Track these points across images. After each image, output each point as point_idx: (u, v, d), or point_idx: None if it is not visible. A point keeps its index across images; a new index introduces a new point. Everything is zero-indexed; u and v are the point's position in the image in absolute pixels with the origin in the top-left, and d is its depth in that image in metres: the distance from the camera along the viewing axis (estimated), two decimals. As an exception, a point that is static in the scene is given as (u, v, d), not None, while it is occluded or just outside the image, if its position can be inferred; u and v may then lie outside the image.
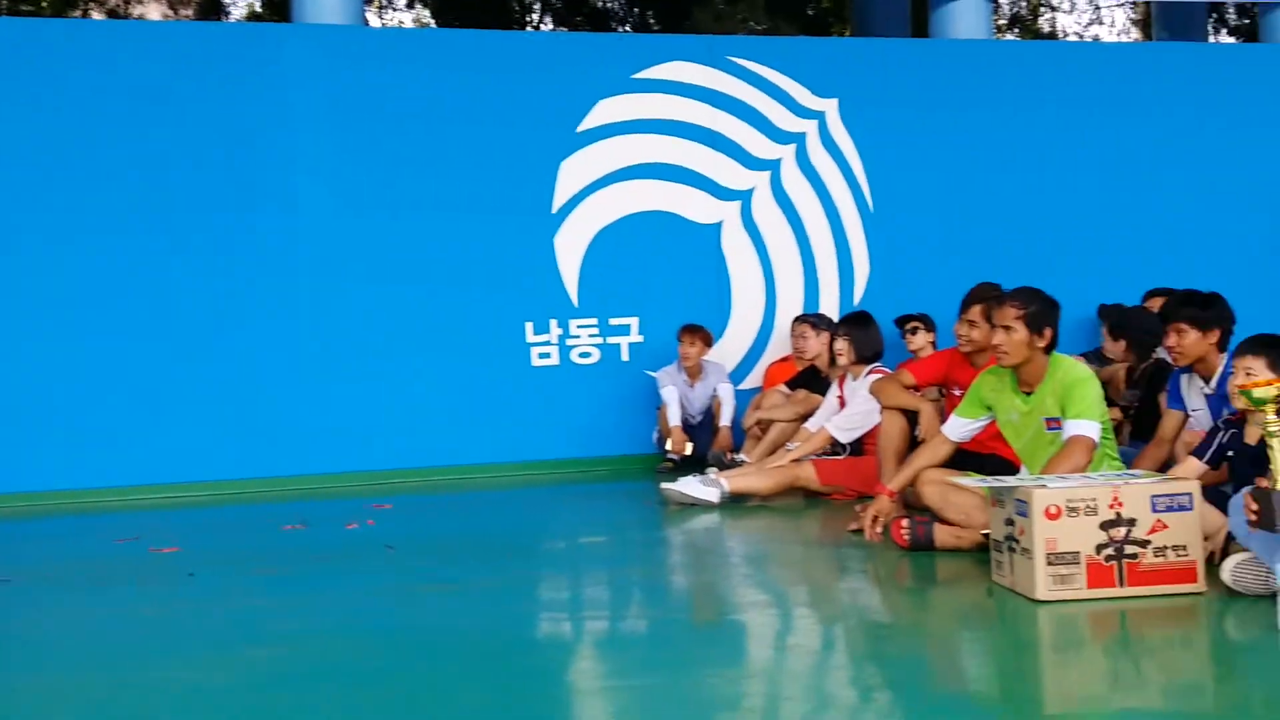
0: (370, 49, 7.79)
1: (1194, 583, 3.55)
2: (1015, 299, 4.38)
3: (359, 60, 7.64)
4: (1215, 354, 4.60)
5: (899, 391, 5.40)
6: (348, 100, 7.57)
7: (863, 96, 8.19)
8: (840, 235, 8.23)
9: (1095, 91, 8.44)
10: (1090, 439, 4.14)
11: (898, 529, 4.53)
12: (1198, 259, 8.14)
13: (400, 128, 7.64)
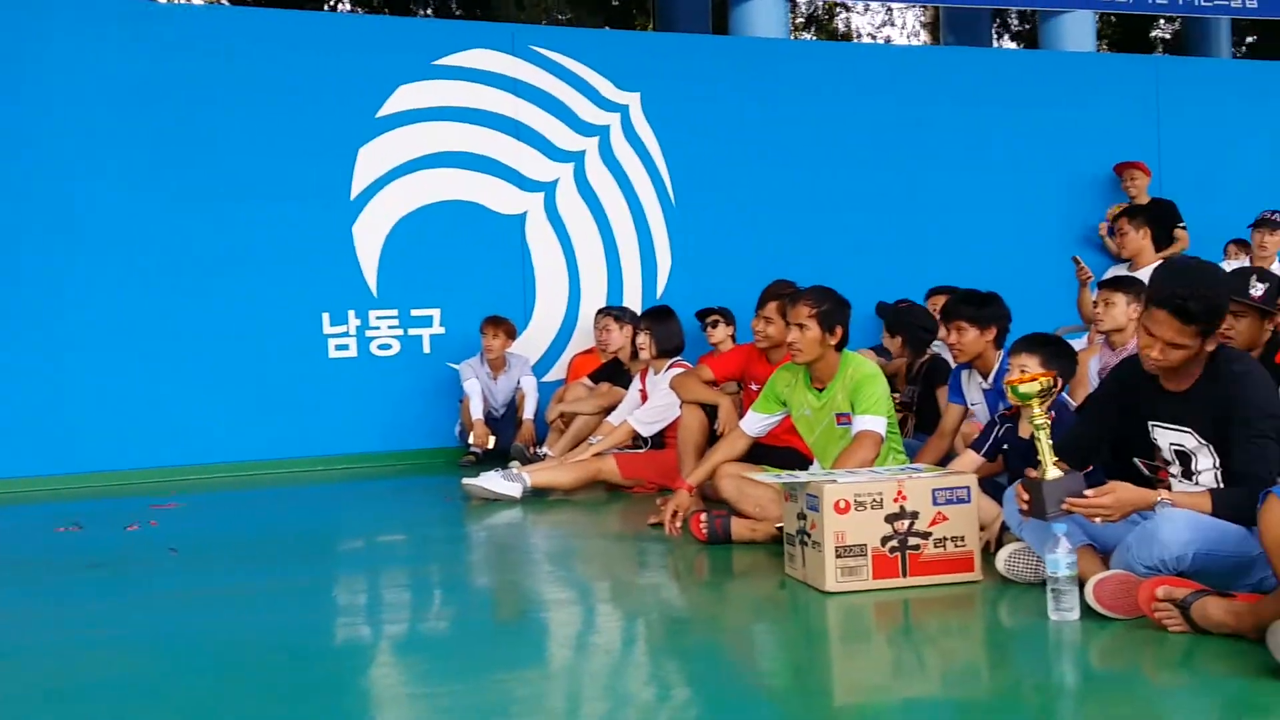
0: (155, 26, 7.39)
1: (971, 572, 3.73)
2: (808, 298, 4.50)
3: (143, 38, 7.25)
4: (992, 350, 4.83)
5: (698, 386, 5.48)
6: (130, 81, 7.19)
7: (665, 91, 8.27)
8: (643, 228, 8.30)
9: (887, 93, 8.76)
10: (877, 434, 4.30)
11: (696, 523, 4.60)
12: (981, 257, 8.54)
13: (190, 110, 7.30)
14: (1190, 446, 3.43)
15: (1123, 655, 3.03)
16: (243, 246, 7.40)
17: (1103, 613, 3.21)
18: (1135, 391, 3.55)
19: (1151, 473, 3.67)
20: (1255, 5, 11.25)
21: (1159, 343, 3.31)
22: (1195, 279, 3.34)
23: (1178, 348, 3.29)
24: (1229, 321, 4.19)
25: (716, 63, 8.51)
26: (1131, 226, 6.75)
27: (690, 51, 8.62)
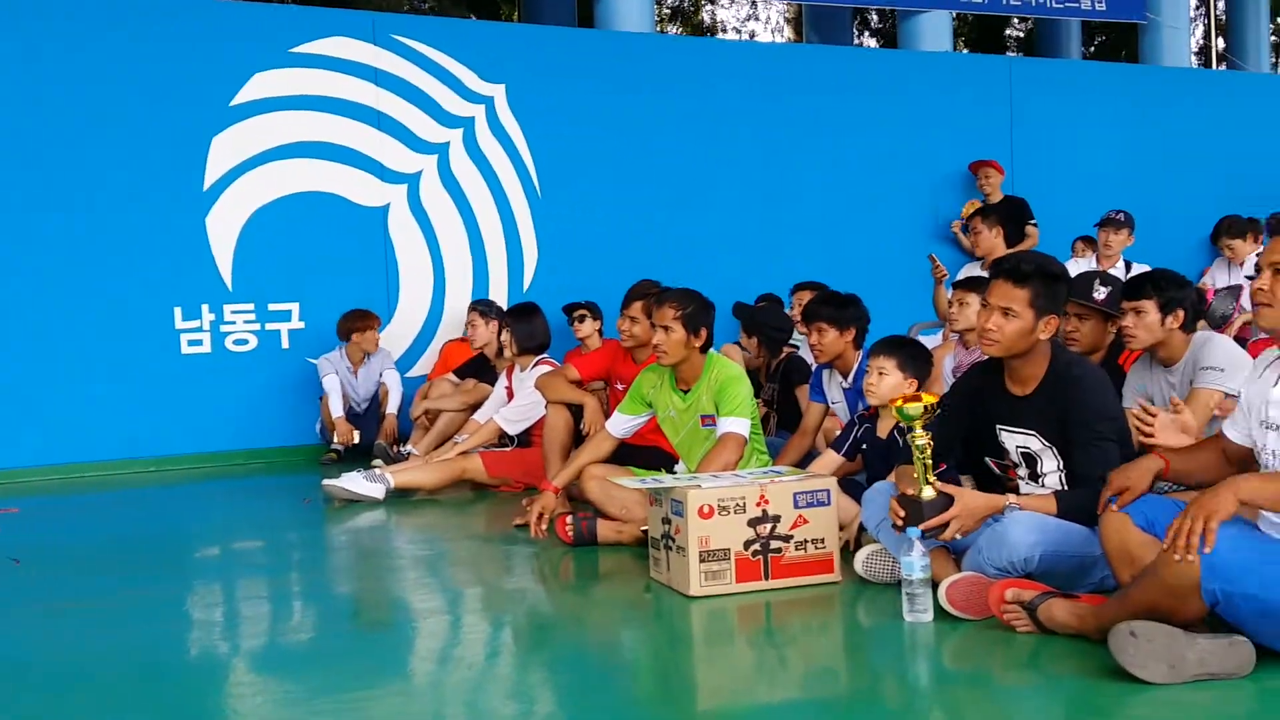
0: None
1: (831, 573, 3.80)
2: (673, 300, 4.51)
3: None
4: (852, 351, 4.93)
5: (564, 386, 5.46)
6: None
7: (530, 83, 8.21)
8: (509, 221, 8.24)
9: (751, 89, 8.85)
10: (741, 435, 4.34)
11: (562, 525, 4.59)
12: (842, 253, 8.71)
13: (34, 98, 6.97)
14: (1035, 449, 3.55)
15: (973, 656, 3.12)
16: (89, 239, 7.10)
17: (955, 614, 3.30)
18: (983, 395, 3.66)
19: (1002, 471, 3.80)
20: (1104, 8, 11.69)
21: (995, 311, 3.43)
22: (1032, 253, 3.54)
23: (1011, 316, 3.41)
24: (1073, 324, 4.36)
25: (582, 56, 8.48)
26: (985, 225, 6.96)
27: (555, 44, 8.57)
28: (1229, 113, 10.62)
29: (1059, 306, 3.49)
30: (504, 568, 4.52)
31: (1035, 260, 3.52)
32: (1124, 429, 3.49)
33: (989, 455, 3.81)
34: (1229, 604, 2.63)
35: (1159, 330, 4.06)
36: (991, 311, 3.46)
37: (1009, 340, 3.45)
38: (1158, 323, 4.05)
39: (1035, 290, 3.42)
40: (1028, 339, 3.45)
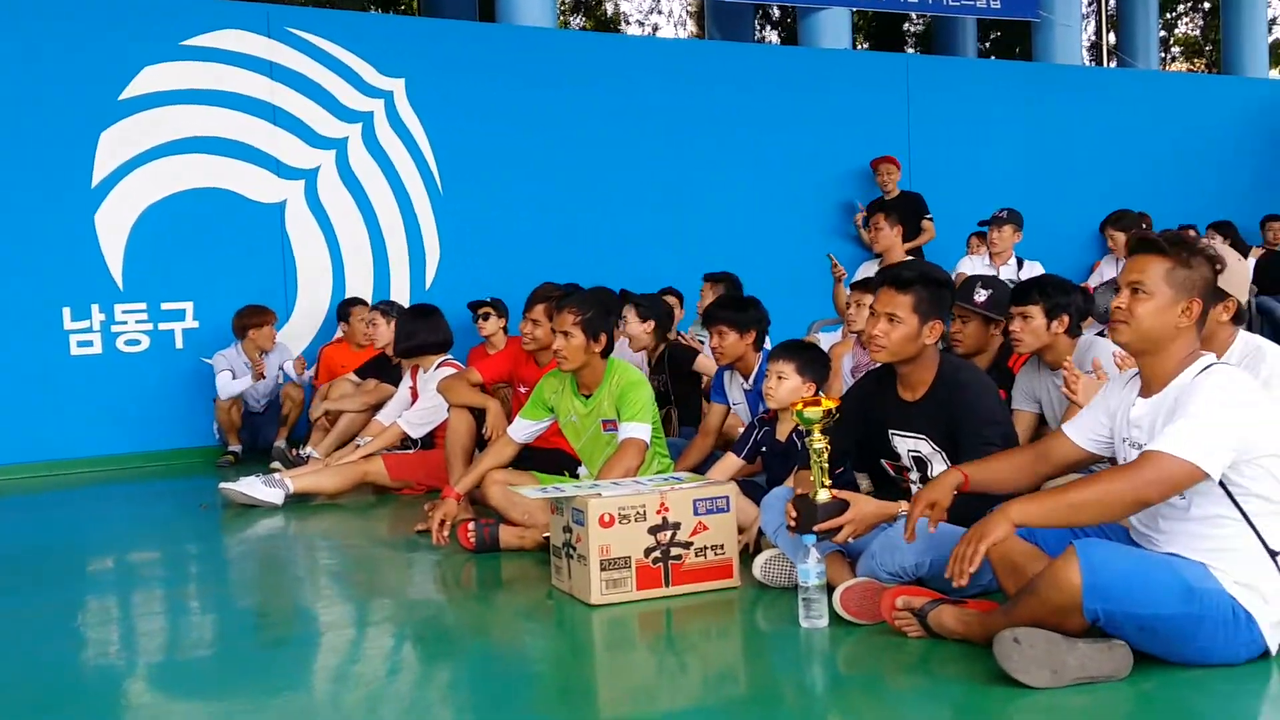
0: None
1: (730, 579, 3.84)
2: (572, 305, 4.52)
3: None
4: (752, 353, 4.98)
5: (466, 390, 5.42)
6: None
7: (430, 78, 8.13)
8: (410, 218, 8.16)
9: (654, 85, 8.87)
10: (642, 441, 4.36)
11: (464, 532, 4.57)
12: (745, 249, 8.77)
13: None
14: (926, 453, 3.64)
15: (866, 660, 3.19)
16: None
17: (849, 619, 3.36)
18: (876, 400, 3.75)
19: (897, 474, 3.88)
20: (999, 6, 11.94)
21: (881, 317, 3.53)
22: (916, 261, 3.65)
23: (896, 322, 3.52)
24: (956, 326, 4.47)
25: (483, 50, 8.42)
26: (887, 223, 7.05)
27: (456, 38, 8.50)
28: (1119, 109, 10.94)
29: (943, 311, 3.59)
30: (406, 576, 4.50)
31: (918, 267, 3.65)
32: (1009, 433, 3.60)
33: (884, 458, 3.89)
34: (1110, 621, 2.74)
35: (1045, 335, 4.18)
36: (877, 318, 3.55)
37: (895, 346, 3.55)
38: (1043, 328, 4.17)
39: (918, 296, 3.52)
40: (914, 344, 3.55)
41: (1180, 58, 24.36)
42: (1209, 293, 2.85)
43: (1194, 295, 2.83)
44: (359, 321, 7.32)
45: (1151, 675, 2.80)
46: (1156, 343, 2.86)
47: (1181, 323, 2.83)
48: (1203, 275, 2.84)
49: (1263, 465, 2.72)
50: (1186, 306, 2.83)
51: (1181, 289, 2.83)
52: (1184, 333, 2.84)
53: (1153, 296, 2.84)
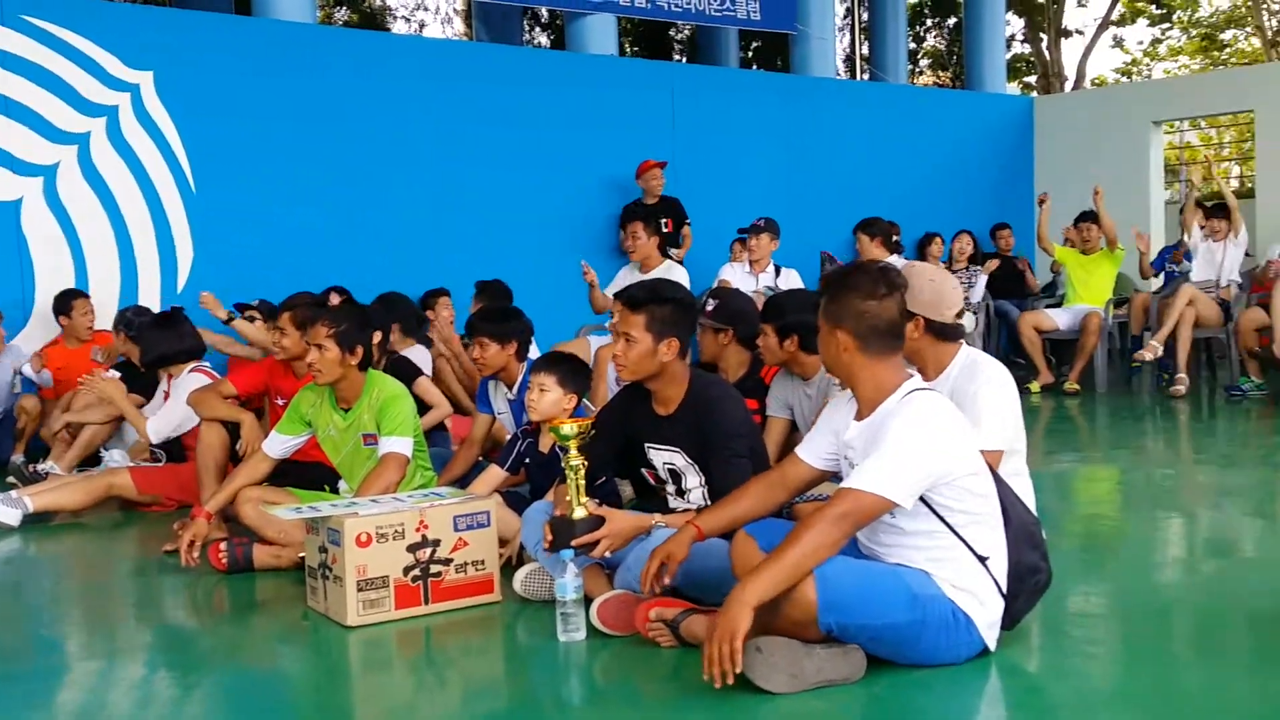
0: None
1: (491, 593, 3.85)
2: (325, 318, 4.42)
3: None
4: (515, 363, 5.00)
5: (218, 403, 5.21)
6: None
7: (181, 71, 7.77)
8: (160, 217, 7.78)
9: (419, 85, 8.75)
10: (403, 455, 4.31)
11: (215, 552, 4.41)
12: (513, 253, 8.77)
13: None
14: (680, 465, 3.75)
15: (621, 671, 3.26)
16: None
17: (606, 631, 3.43)
18: (632, 414, 3.83)
19: (658, 484, 3.97)
20: (759, 17, 12.32)
21: (620, 338, 3.64)
22: (652, 280, 3.74)
23: (631, 341, 3.62)
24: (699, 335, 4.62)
25: (239, 43, 8.13)
26: (645, 233, 7.18)
27: (209, 30, 8.17)
28: (871, 120, 11.49)
29: (678, 328, 3.66)
30: (154, 600, 4.30)
31: (649, 286, 3.74)
32: (756, 445, 3.75)
33: (643, 468, 3.98)
34: (844, 632, 2.91)
35: (779, 352, 4.34)
36: (618, 338, 3.63)
37: (633, 364, 3.65)
38: (776, 345, 4.33)
39: (650, 315, 3.62)
40: (650, 361, 3.64)
41: (928, 71, 25.79)
42: (860, 320, 2.96)
43: (840, 325, 2.98)
44: (81, 315, 6.96)
45: (882, 677, 2.97)
46: (838, 373, 3.07)
47: (842, 356, 3.00)
48: (851, 309, 2.97)
49: (961, 485, 2.92)
50: (836, 338, 2.99)
51: (831, 320, 3.01)
52: (856, 362, 2.99)
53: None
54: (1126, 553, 4.59)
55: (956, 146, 12.18)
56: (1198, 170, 9.26)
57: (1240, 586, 3.93)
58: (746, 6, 12.13)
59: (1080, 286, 9.35)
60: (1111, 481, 6.10)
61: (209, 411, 5.17)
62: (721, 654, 2.73)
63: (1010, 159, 12.68)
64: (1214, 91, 12.63)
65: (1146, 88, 17.04)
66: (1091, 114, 12.68)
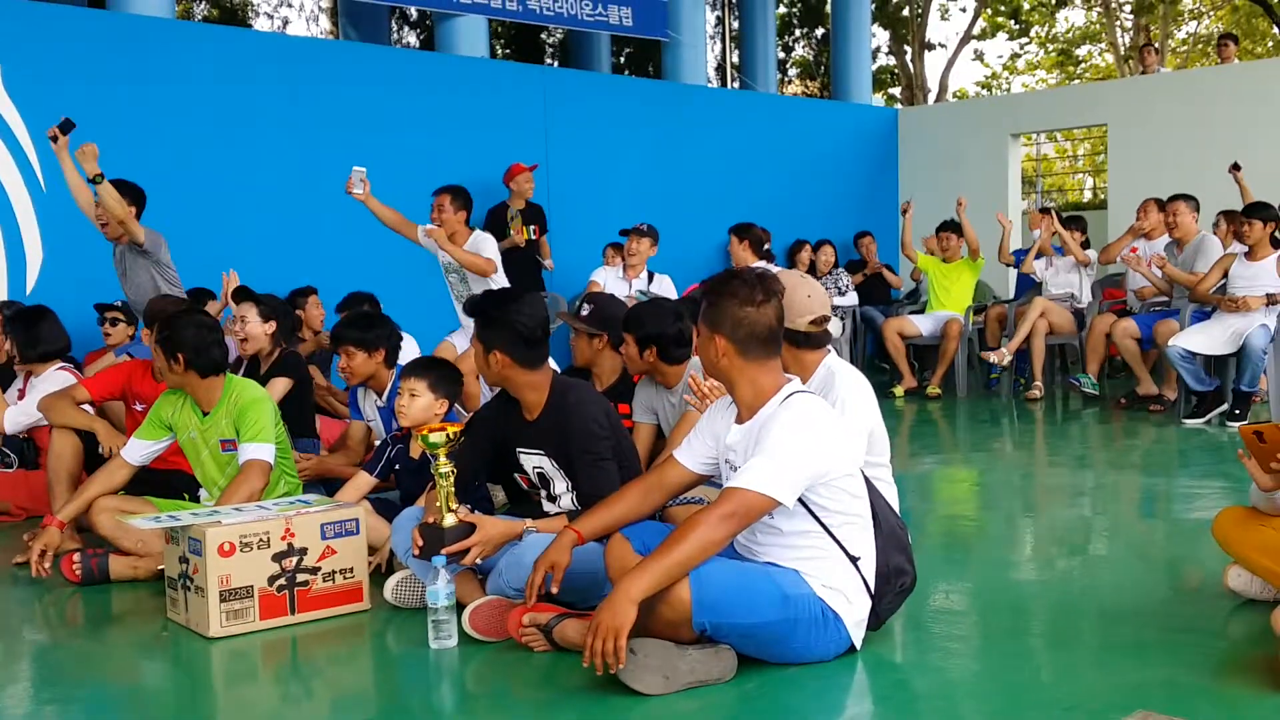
0: None
1: (360, 602, 3.79)
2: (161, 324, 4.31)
3: None
4: (384, 370, 4.93)
5: (70, 409, 4.99)
6: None
7: (31, 65, 7.44)
8: (8, 215, 7.45)
9: (285, 83, 8.54)
10: (264, 462, 4.20)
11: (69, 563, 4.24)
12: (378, 258, 8.59)
13: None
14: (547, 470, 3.76)
15: (493, 677, 3.24)
16: None
17: (478, 637, 3.40)
18: (503, 419, 3.82)
19: (531, 488, 3.96)
20: (631, 24, 12.40)
21: None
22: (478, 295, 3.89)
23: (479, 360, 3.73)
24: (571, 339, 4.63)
25: (93, 38, 7.81)
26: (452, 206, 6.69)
27: (61, 22, 7.82)
28: (741, 128, 11.64)
29: (498, 340, 3.66)
30: (2, 614, 4.11)
31: (474, 300, 3.83)
32: (621, 445, 3.77)
33: (516, 473, 3.96)
34: (717, 631, 2.95)
35: (640, 362, 4.35)
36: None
37: (479, 368, 3.77)
38: (637, 355, 4.34)
39: (478, 325, 3.73)
40: (489, 373, 3.73)
41: (797, 80, 26.30)
42: (737, 327, 3.00)
43: (717, 331, 3.03)
44: None
45: (753, 676, 3.02)
46: (719, 376, 3.11)
47: (720, 360, 3.04)
48: (727, 314, 3.01)
49: (838, 485, 2.99)
50: (715, 345, 3.03)
51: (709, 326, 3.05)
52: (734, 366, 3.03)
53: (697, 334, 3.09)
54: (985, 551, 4.74)
55: (824, 155, 12.43)
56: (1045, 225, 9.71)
57: (1091, 581, 4.11)
58: (619, 12, 12.20)
59: (942, 294, 9.62)
60: (971, 482, 6.29)
61: (60, 418, 4.95)
62: (605, 649, 2.76)
63: (876, 168, 13.00)
64: (1070, 105, 13.14)
65: (1005, 101, 17.66)
66: (953, 126, 13.09)
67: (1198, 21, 29.78)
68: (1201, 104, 11.14)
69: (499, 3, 11.18)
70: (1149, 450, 6.80)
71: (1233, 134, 10.63)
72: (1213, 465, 6.17)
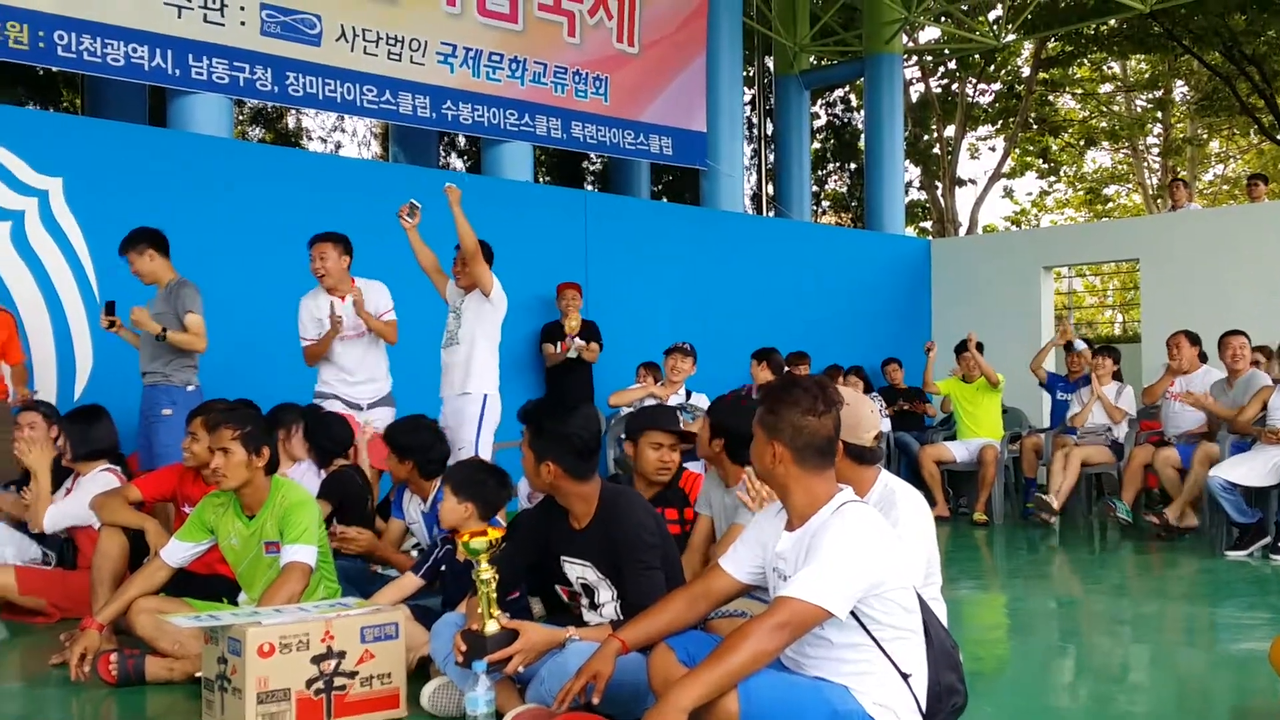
0: None
1: (397, 708, 3.75)
2: (230, 420, 4.35)
3: None
4: (420, 478, 5.01)
5: (122, 507, 5.04)
6: None
7: (92, 179, 7.70)
8: (61, 322, 7.61)
9: (335, 201, 8.75)
10: (306, 564, 4.21)
11: (105, 663, 4.23)
12: (427, 372, 8.70)
13: None
14: (592, 580, 3.74)
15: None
16: None
17: (520, 747, 3.36)
18: (548, 527, 3.82)
19: (571, 600, 3.93)
20: (671, 153, 12.70)
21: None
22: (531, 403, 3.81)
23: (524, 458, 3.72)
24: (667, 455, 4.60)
25: (151, 154, 8.07)
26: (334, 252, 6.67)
27: (123, 140, 8.10)
28: (775, 254, 11.82)
29: (551, 451, 3.66)
30: (40, 713, 4.09)
31: (528, 410, 3.79)
32: (669, 554, 3.75)
33: (558, 583, 3.95)
34: None
35: (708, 448, 4.36)
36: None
37: (529, 476, 3.74)
38: (707, 440, 4.33)
39: (530, 434, 3.71)
40: (539, 481, 3.71)
41: (830, 211, 26.72)
42: (796, 435, 3.00)
43: (775, 438, 3.02)
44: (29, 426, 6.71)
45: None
46: (772, 483, 3.08)
47: (773, 466, 3.03)
48: (788, 421, 3.01)
49: (891, 598, 2.94)
50: (772, 451, 3.02)
51: (768, 432, 3.04)
52: (790, 474, 3.01)
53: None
54: (1024, 676, 4.66)
55: (857, 283, 12.58)
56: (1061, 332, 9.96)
57: (1130, 709, 4.02)
58: (659, 141, 12.50)
59: (969, 419, 9.63)
60: (1009, 608, 6.19)
61: (111, 516, 5.00)
62: None
63: (908, 297, 13.11)
64: (1102, 240, 13.27)
65: (1038, 234, 17.84)
66: (986, 257, 13.23)
67: (1224, 165, 30.20)
68: (1232, 239, 11.24)
69: (544, 130, 11.50)
70: (1191, 580, 6.69)
71: (1261, 270, 10.71)
72: (1258, 597, 6.06)
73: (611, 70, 12.00)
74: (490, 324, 6.48)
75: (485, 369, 6.41)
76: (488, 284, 6.42)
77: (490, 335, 6.49)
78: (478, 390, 6.36)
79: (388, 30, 10.27)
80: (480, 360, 6.39)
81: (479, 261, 6.39)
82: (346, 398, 6.64)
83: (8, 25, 8.13)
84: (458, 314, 6.57)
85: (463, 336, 6.44)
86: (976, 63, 25.06)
